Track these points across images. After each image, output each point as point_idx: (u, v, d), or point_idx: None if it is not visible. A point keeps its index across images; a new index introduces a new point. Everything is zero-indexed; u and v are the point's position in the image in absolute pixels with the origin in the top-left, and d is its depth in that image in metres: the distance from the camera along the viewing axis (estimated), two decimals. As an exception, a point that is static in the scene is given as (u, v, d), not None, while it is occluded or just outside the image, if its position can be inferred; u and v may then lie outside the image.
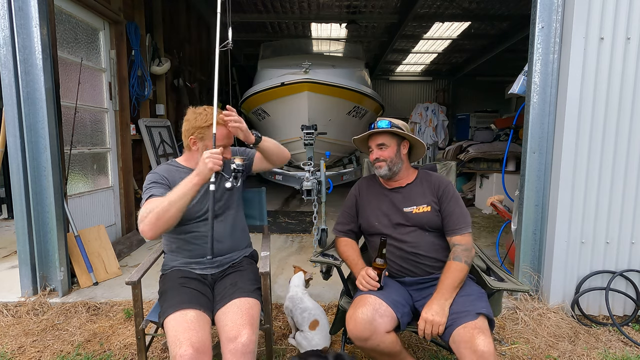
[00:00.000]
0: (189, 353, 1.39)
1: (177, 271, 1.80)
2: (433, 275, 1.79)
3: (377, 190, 1.94)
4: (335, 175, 5.82)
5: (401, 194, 1.87)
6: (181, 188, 1.57)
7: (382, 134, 1.85)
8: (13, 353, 2.25)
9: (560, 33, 2.60)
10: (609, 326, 2.53)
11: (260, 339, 2.06)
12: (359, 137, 1.92)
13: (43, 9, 2.69)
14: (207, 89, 7.57)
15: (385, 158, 1.83)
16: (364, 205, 1.94)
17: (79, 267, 3.07)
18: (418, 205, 1.82)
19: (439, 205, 1.81)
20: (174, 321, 1.51)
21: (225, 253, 1.87)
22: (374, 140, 1.88)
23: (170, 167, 1.87)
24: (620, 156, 2.55)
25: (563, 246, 2.63)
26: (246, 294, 1.68)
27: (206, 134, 1.76)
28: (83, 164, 3.65)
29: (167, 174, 1.80)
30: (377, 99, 6.15)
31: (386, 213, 1.86)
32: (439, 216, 1.80)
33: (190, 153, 1.86)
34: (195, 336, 1.45)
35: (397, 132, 1.83)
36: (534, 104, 2.68)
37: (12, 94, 2.69)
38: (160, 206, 1.56)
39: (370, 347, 1.58)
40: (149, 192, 1.70)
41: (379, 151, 1.85)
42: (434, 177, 1.90)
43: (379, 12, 7.62)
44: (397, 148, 1.85)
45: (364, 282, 1.69)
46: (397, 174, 1.87)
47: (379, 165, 1.85)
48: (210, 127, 1.71)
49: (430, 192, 1.84)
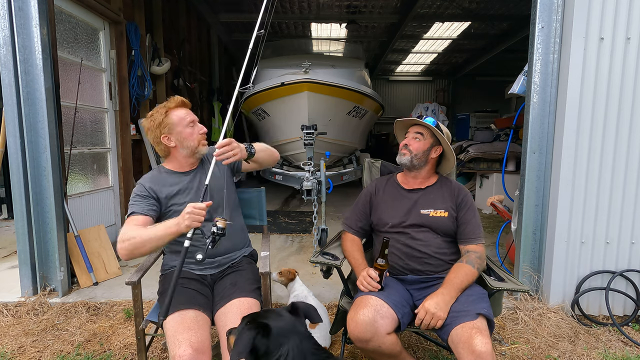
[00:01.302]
0: (188, 353, 1.39)
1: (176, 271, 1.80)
2: (436, 275, 1.79)
3: (394, 190, 1.95)
4: (335, 175, 5.82)
5: (420, 196, 1.89)
6: (158, 231, 1.52)
7: (424, 127, 1.89)
8: (13, 353, 2.25)
9: (560, 33, 2.60)
10: (609, 326, 2.53)
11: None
12: (402, 119, 1.96)
13: (43, 9, 2.69)
14: (207, 89, 7.58)
15: (413, 150, 1.86)
16: (378, 203, 1.95)
17: (79, 267, 3.07)
18: (436, 209, 1.83)
19: (456, 212, 1.83)
20: (173, 321, 1.51)
21: (225, 253, 1.85)
22: (413, 129, 1.91)
23: (159, 174, 1.81)
24: (620, 156, 2.55)
25: (563, 246, 2.63)
26: (246, 294, 1.67)
27: (171, 122, 1.72)
28: (83, 164, 3.65)
29: (152, 184, 1.75)
30: (377, 99, 6.15)
31: (401, 212, 1.86)
32: (454, 223, 1.82)
33: (171, 155, 1.80)
34: (194, 336, 1.45)
35: (436, 133, 1.86)
36: (534, 104, 2.68)
37: (12, 94, 2.69)
38: (137, 239, 1.53)
39: (372, 348, 1.57)
40: (131, 208, 1.68)
41: (412, 139, 1.88)
42: (454, 184, 1.92)
43: (379, 12, 7.62)
44: (429, 146, 1.88)
45: (365, 283, 1.69)
46: (416, 169, 1.89)
47: (403, 153, 1.88)
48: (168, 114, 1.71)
49: (450, 198, 1.86)
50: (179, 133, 1.73)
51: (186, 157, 1.79)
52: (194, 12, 6.72)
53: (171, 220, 1.52)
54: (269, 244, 2.17)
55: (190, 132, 1.75)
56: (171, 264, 1.84)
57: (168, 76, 5.41)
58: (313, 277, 3.25)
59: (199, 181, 1.80)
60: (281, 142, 5.43)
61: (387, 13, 7.69)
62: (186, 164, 1.82)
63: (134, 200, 1.71)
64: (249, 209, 2.21)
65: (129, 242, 1.54)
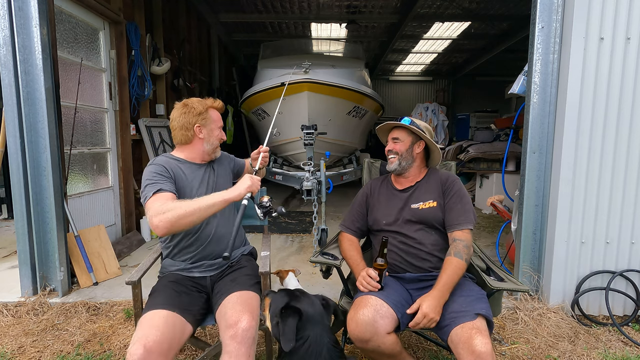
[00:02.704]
0: (139, 353, 1.34)
1: (171, 274, 1.80)
2: (434, 273, 1.79)
3: (388, 191, 1.97)
4: (335, 175, 5.82)
5: (410, 193, 1.90)
6: (212, 199, 1.57)
7: (400, 129, 1.92)
8: (13, 353, 2.25)
9: (560, 33, 2.60)
10: (609, 326, 2.53)
11: (260, 339, 2.06)
12: (381, 125, 1.99)
13: (43, 9, 2.69)
14: (207, 89, 7.58)
15: (397, 151, 1.89)
16: (374, 204, 1.97)
17: (79, 267, 3.07)
18: (425, 201, 1.84)
19: (443, 200, 1.83)
20: (145, 318, 1.50)
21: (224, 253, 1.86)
22: (391, 134, 1.95)
23: (170, 160, 1.83)
24: (620, 156, 2.55)
25: (563, 246, 2.63)
26: (246, 288, 1.69)
27: (209, 117, 1.86)
28: (83, 164, 3.65)
29: (168, 167, 1.77)
30: (377, 99, 6.15)
31: (395, 211, 1.88)
32: (443, 212, 1.82)
33: (191, 145, 1.87)
34: (153, 335, 1.40)
35: (413, 130, 1.88)
36: (534, 104, 2.68)
37: (12, 94, 2.69)
38: (185, 208, 1.52)
39: (371, 348, 1.57)
40: (156, 185, 1.64)
41: (392, 144, 1.92)
42: (441, 173, 1.93)
43: (379, 12, 7.62)
44: (410, 145, 1.89)
45: (365, 283, 1.69)
46: (406, 170, 1.91)
47: (390, 160, 1.92)
48: (209, 110, 1.87)
49: (436, 187, 1.87)
50: (210, 130, 1.87)
51: (204, 152, 1.90)
52: (194, 12, 6.72)
53: (223, 191, 1.62)
54: (269, 243, 2.18)
55: (217, 134, 1.91)
56: (170, 268, 1.84)
57: (168, 76, 5.41)
58: (313, 277, 3.26)
59: (209, 176, 1.91)
60: (281, 142, 5.43)
61: (387, 13, 7.69)
62: (201, 157, 1.91)
63: (156, 178, 1.68)
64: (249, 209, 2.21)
65: (171, 212, 1.51)
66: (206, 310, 1.74)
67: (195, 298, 1.71)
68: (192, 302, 1.67)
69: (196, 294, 1.73)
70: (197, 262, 1.81)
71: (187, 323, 1.56)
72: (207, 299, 1.77)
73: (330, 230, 3.82)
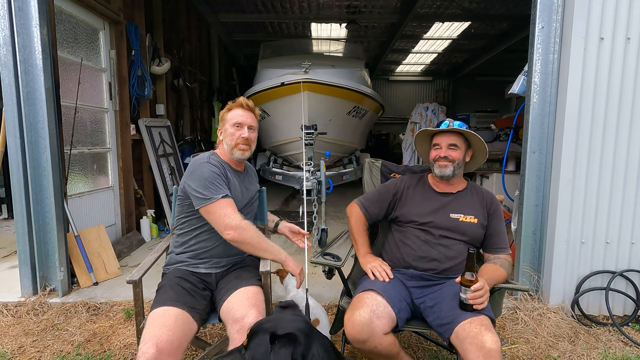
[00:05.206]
0: (151, 352, 1.36)
1: (177, 270, 1.81)
2: (439, 276, 1.78)
3: (425, 190, 1.94)
4: (335, 175, 5.81)
5: (450, 199, 1.88)
6: (268, 248, 1.80)
7: (456, 134, 1.87)
8: (13, 353, 2.25)
9: (560, 33, 2.60)
10: (609, 326, 2.53)
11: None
12: (426, 130, 1.93)
13: (43, 9, 2.69)
14: (207, 89, 7.57)
15: (454, 159, 1.84)
16: (406, 200, 1.94)
17: (79, 267, 3.07)
18: (466, 215, 1.83)
19: (487, 221, 1.84)
20: (154, 316, 1.51)
21: (235, 255, 1.92)
22: (445, 138, 1.87)
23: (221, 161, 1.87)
24: (620, 156, 2.55)
25: (563, 246, 2.63)
26: (251, 283, 1.72)
27: (225, 118, 1.90)
28: (83, 164, 3.65)
29: (222, 170, 1.81)
30: (377, 99, 6.15)
31: (430, 211, 1.86)
32: (483, 230, 1.83)
33: (220, 147, 1.94)
34: (165, 334, 1.42)
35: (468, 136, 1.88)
36: (534, 104, 2.68)
37: (12, 94, 2.69)
38: (253, 241, 1.75)
39: (368, 349, 1.57)
40: (221, 191, 1.73)
41: (449, 150, 1.84)
42: (485, 192, 1.92)
43: (379, 12, 7.62)
44: (464, 153, 1.89)
45: (377, 271, 1.73)
46: (455, 176, 1.89)
47: (444, 165, 1.84)
48: (228, 112, 1.90)
49: (481, 205, 1.86)
50: (225, 130, 1.89)
51: (225, 153, 1.91)
52: (194, 12, 6.72)
53: (282, 252, 1.84)
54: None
55: (232, 132, 1.86)
56: (175, 263, 1.85)
57: (168, 76, 5.40)
58: (313, 277, 3.25)
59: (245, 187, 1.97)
60: (281, 142, 5.43)
61: (387, 13, 7.68)
62: (231, 161, 1.92)
63: (218, 182, 1.74)
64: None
65: (249, 235, 1.73)
66: (210, 309, 1.76)
67: (201, 296, 1.72)
68: (199, 301, 1.69)
69: (201, 291, 1.75)
70: (205, 258, 1.83)
71: (194, 321, 1.59)
72: (211, 297, 1.78)
73: (330, 230, 3.81)
